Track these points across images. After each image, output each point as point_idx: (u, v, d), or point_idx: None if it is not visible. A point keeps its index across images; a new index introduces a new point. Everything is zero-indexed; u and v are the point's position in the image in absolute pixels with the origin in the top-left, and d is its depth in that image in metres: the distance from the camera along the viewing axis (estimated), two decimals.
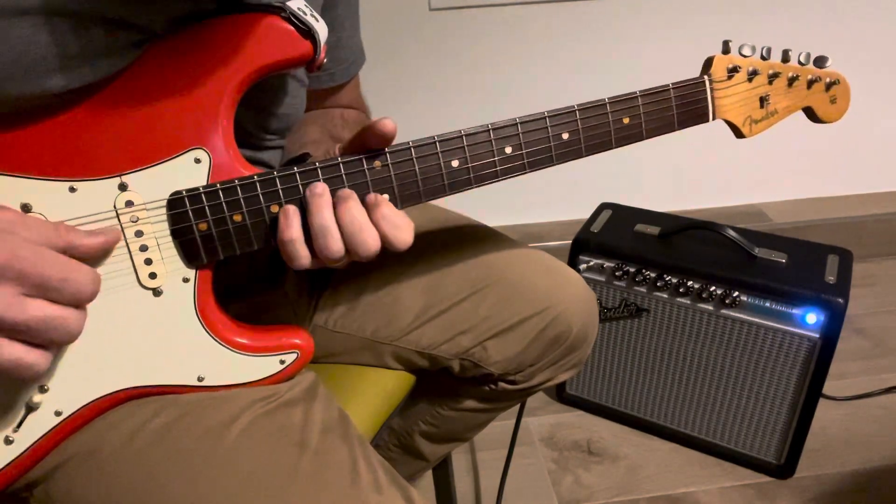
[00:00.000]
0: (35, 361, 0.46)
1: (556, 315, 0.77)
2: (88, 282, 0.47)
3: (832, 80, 0.75)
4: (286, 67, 0.57)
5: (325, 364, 0.81)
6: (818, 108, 0.76)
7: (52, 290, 0.45)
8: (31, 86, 0.49)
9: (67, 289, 0.46)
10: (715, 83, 0.70)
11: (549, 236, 1.80)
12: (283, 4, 0.55)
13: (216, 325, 0.57)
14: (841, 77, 0.75)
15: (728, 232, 1.22)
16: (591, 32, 1.66)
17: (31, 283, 0.44)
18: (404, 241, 0.56)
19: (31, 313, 0.45)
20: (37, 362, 0.46)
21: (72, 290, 0.46)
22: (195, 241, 0.55)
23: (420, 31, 1.61)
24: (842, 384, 1.48)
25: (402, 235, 0.56)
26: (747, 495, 1.25)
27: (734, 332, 1.20)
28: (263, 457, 0.54)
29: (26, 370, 0.46)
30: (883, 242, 1.90)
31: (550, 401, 1.48)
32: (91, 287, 0.48)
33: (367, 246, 0.55)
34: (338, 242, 0.55)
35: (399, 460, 0.93)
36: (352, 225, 0.54)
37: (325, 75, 0.78)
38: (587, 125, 0.64)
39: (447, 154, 0.60)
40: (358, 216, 0.55)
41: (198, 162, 0.54)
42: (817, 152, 1.86)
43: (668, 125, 0.68)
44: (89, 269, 0.48)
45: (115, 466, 0.54)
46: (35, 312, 0.45)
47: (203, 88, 0.54)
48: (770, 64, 0.72)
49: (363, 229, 0.55)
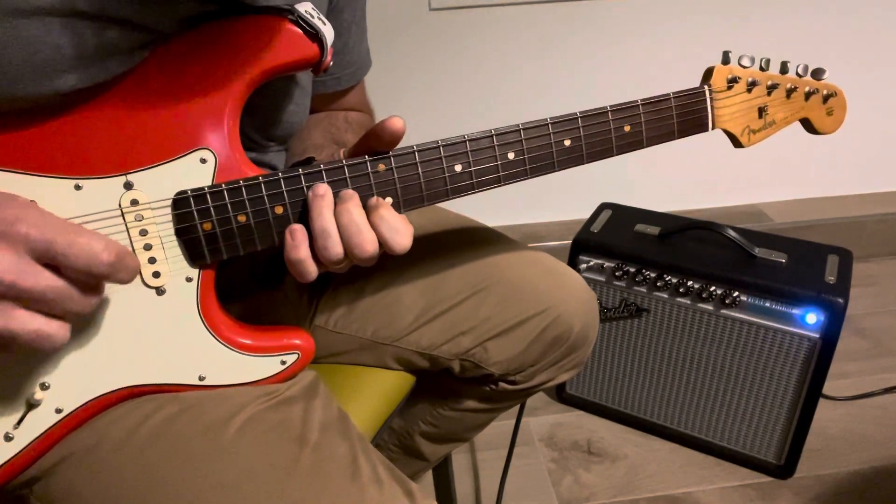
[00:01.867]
0: (55, 332, 0.45)
1: (557, 315, 0.77)
2: (100, 249, 0.45)
3: (829, 92, 0.76)
4: (293, 69, 0.57)
5: (326, 364, 0.81)
6: (815, 120, 0.77)
7: (60, 254, 0.44)
8: (40, 86, 0.49)
9: (74, 252, 0.44)
10: (715, 93, 0.70)
11: (549, 236, 1.80)
12: (290, 7, 0.55)
13: (218, 325, 0.57)
14: (838, 90, 0.76)
15: (728, 232, 1.22)
16: (590, 33, 1.66)
17: (37, 247, 0.43)
18: (402, 246, 0.56)
19: (47, 282, 0.44)
20: (57, 333, 0.45)
21: (78, 253, 0.44)
22: (199, 241, 0.55)
23: (420, 31, 1.62)
24: (842, 384, 1.48)
25: (400, 239, 0.56)
26: (747, 495, 1.26)
27: (734, 332, 1.20)
28: (263, 452, 0.54)
29: (46, 341, 0.45)
30: (883, 242, 1.90)
31: (550, 401, 1.48)
32: (104, 256, 0.45)
33: (364, 248, 0.55)
34: (338, 245, 0.55)
35: (399, 460, 0.93)
36: (350, 226, 0.55)
37: (331, 80, 0.78)
38: (589, 132, 0.64)
39: (450, 159, 0.60)
40: (356, 218, 0.55)
41: (203, 162, 0.54)
42: (817, 152, 1.86)
43: (669, 134, 0.69)
44: (102, 237, 0.46)
45: (114, 463, 0.54)
46: (50, 281, 0.44)
47: (210, 89, 0.54)
48: (769, 75, 0.73)
49: (361, 231, 0.55)
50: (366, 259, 0.55)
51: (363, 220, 0.55)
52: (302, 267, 0.55)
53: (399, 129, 0.55)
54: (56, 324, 0.45)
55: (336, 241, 0.55)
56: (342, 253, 0.55)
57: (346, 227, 0.55)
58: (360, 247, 0.55)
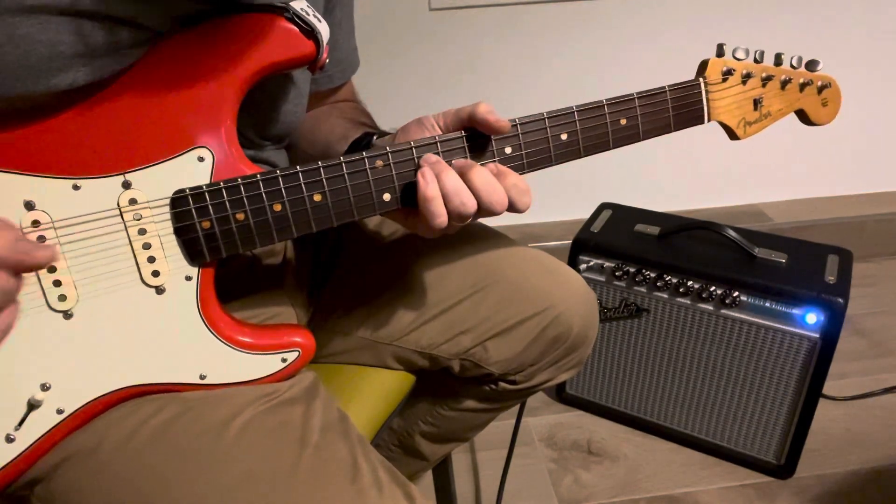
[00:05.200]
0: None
1: (557, 315, 0.77)
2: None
3: (824, 83, 0.76)
4: (289, 67, 0.57)
5: (325, 364, 0.81)
6: (810, 111, 0.77)
7: None
8: (37, 84, 0.49)
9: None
10: (710, 85, 0.70)
11: (549, 236, 1.80)
12: (286, 5, 0.55)
13: (218, 324, 0.57)
14: (832, 80, 0.76)
15: (728, 232, 1.22)
16: (590, 32, 1.66)
17: None
18: (527, 204, 0.61)
19: None
20: None
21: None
22: (198, 240, 0.55)
23: (420, 31, 1.62)
24: (842, 384, 1.48)
25: (526, 199, 0.60)
26: (747, 495, 1.26)
27: (734, 332, 1.20)
28: (263, 454, 0.54)
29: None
30: (883, 242, 1.90)
31: (550, 401, 1.48)
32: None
33: (502, 203, 0.59)
34: (472, 199, 0.58)
35: (399, 460, 0.93)
36: (487, 186, 0.58)
37: (322, 78, 0.78)
38: (585, 126, 0.64)
39: (448, 154, 0.60)
40: (489, 178, 0.59)
41: (201, 160, 0.54)
42: (817, 152, 1.86)
43: (665, 127, 0.69)
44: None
45: (115, 464, 0.54)
46: None
47: (206, 87, 0.54)
48: (763, 67, 0.73)
49: (496, 190, 0.59)
50: (497, 213, 0.60)
51: (494, 180, 0.59)
52: (434, 205, 0.57)
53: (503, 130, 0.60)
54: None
55: (470, 195, 0.58)
56: (475, 207, 0.58)
57: (484, 186, 0.58)
58: (499, 203, 0.59)
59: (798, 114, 0.77)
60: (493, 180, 0.59)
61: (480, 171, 0.59)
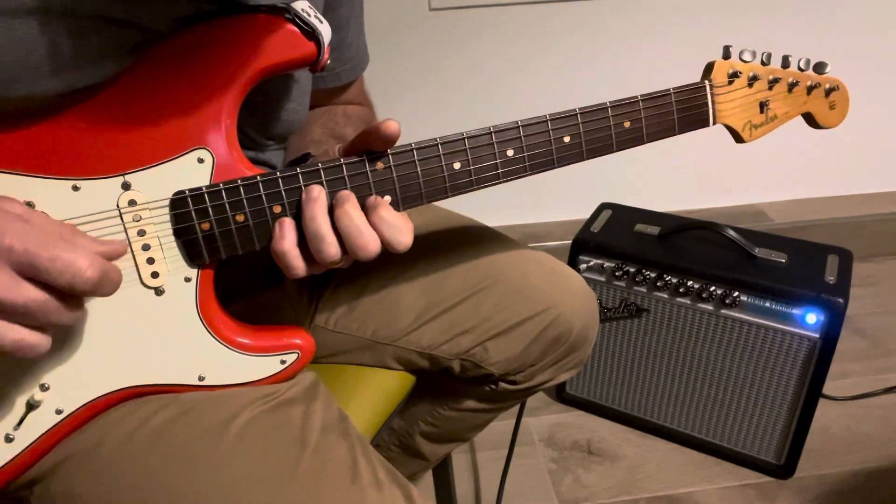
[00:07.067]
0: (36, 343, 0.45)
1: (557, 315, 0.77)
2: (84, 266, 0.45)
3: (831, 86, 0.75)
4: (290, 68, 0.57)
5: (326, 364, 0.81)
6: (817, 114, 0.76)
7: (42, 270, 0.43)
8: (35, 86, 0.49)
9: (56, 267, 0.44)
10: (716, 88, 0.70)
11: (549, 236, 1.80)
12: (287, 5, 0.55)
13: (217, 325, 0.57)
14: (840, 83, 0.76)
15: (728, 232, 1.22)
16: (590, 32, 1.66)
17: (20, 261, 0.43)
18: (404, 244, 0.56)
19: (28, 295, 0.44)
20: (38, 343, 0.46)
21: (61, 269, 0.44)
22: (197, 241, 0.55)
23: (420, 31, 1.62)
24: (842, 384, 1.48)
25: (402, 238, 0.56)
26: (747, 495, 1.26)
27: (734, 332, 1.20)
28: (263, 454, 0.54)
29: (28, 351, 0.45)
30: (883, 242, 1.90)
31: (550, 401, 1.48)
32: (88, 273, 0.45)
33: (368, 250, 0.55)
34: (332, 247, 0.54)
35: (399, 460, 0.93)
36: (350, 229, 0.54)
37: (330, 75, 0.78)
38: (588, 129, 0.64)
39: (449, 156, 0.60)
40: (356, 220, 0.55)
41: (201, 162, 0.54)
42: (817, 152, 1.86)
43: (669, 129, 0.68)
44: (87, 251, 0.46)
45: (114, 464, 0.54)
46: (31, 294, 0.44)
47: (207, 88, 0.54)
48: (770, 69, 0.72)
49: (362, 233, 0.55)
50: (368, 258, 0.56)
51: (363, 221, 0.55)
52: (286, 259, 0.55)
53: (394, 132, 0.55)
54: (37, 335, 0.46)
55: (330, 244, 0.54)
56: (339, 253, 0.55)
57: (347, 229, 0.54)
58: (363, 248, 0.55)
59: (805, 117, 0.77)
60: (361, 221, 0.55)
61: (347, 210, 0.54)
